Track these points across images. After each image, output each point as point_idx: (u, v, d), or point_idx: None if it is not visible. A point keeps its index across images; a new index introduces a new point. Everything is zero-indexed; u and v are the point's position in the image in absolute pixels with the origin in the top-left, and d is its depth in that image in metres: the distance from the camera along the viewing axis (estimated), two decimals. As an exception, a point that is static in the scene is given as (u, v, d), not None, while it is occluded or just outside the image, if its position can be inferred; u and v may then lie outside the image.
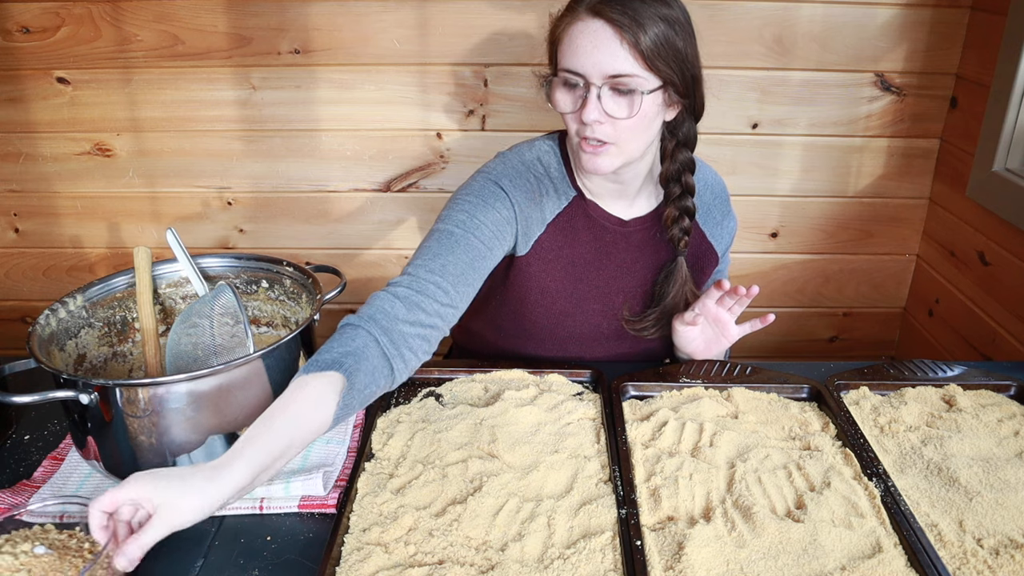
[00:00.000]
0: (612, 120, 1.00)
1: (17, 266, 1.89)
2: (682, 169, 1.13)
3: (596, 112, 0.99)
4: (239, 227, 1.84)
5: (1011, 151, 1.51)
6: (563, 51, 1.02)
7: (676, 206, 1.14)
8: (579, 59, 0.99)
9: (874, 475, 0.90)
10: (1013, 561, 0.79)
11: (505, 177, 1.12)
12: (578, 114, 1.01)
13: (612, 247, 1.18)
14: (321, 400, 0.82)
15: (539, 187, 1.14)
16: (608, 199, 1.16)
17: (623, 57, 0.97)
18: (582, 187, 1.16)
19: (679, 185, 1.13)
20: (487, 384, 1.12)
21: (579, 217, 1.16)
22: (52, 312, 0.94)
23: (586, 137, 1.02)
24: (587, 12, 0.99)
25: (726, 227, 1.26)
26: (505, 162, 1.14)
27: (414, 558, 0.79)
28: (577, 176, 1.16)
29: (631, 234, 1.18)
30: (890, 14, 1.62)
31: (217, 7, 1.61)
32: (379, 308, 0.93)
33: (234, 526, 0.87)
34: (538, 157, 1.16)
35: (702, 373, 1.12)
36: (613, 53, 0.97)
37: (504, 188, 1.11)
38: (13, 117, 1.72)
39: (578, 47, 0.99)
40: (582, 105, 1.00)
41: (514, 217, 1.11)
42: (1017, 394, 1.10)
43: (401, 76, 1.68)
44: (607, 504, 0.86)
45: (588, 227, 1.16)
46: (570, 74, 1.01)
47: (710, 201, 1.23)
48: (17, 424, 1.04)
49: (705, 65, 1.10)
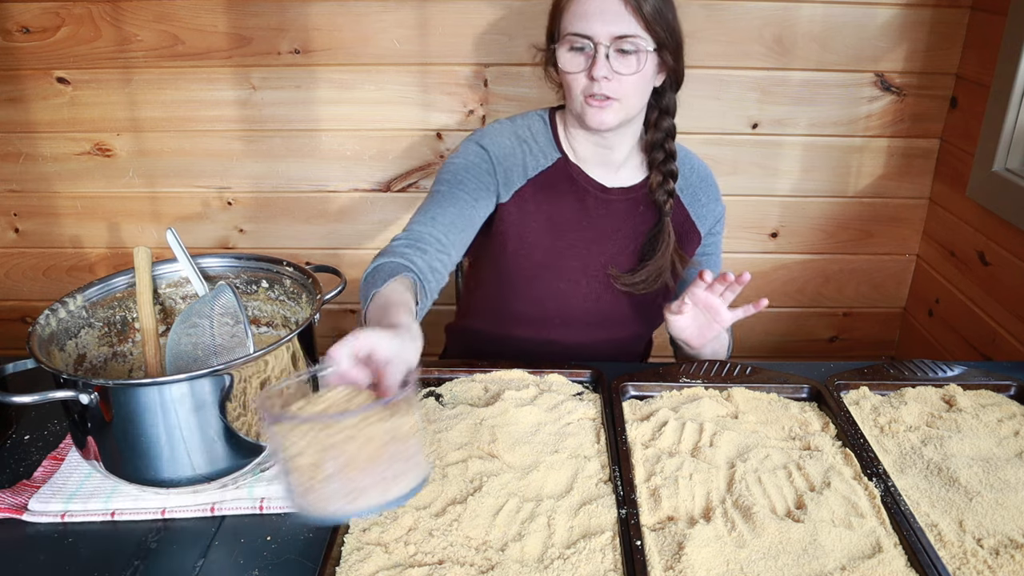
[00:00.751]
0: (618, 77, 1.10)
1: (17, 266, 1.89)
2: (665, 136, 1.23)
3: (605, 69, 1.09)
4: (239, 227, 1.84)
5: (1011, 151, 1.51)
6: (569, 18, 1.11)
7: (660, 170, 1.23)
8: (587, 22, 1.09)
9: (874, 475, 0.90)
10: (1013, 561, 0.79)
11: (486, 136, 1.24)
12: (587, 72, 1.11)
13: (593, 211, 1.25)
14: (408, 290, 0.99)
15: (521, 146, 1.24)
16: (593, 165, 1.25)
17: (628, 19, 1.09)
18: (568, 151, 1.25)
19: (662, 151, 1.23)
20: (487, 384, 1.12)
21: (562, 179, 1.24)
22: (52, 312, 0.94)
23: (592, 94, 1.12)
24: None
25: (711, 210, 1.31)
26: (490, 127, 1.26)
27: (414, 558, 0.79)
28: (564, 141, 1.25)
29: (612, 202, 1.25)
30: (890, 14, 1.62)
31: (217, 7, 1.61)
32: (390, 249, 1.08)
33: (234, 526, 0.87)
34: (525, 123, 1.26)
35: (702, 373, 1.12)
36: (619, 15, 1.09)
37: (484, 145, 1.23)
38: (13, 117, 1.72)
39: (586, 11, 1.10)
40: (592, 64, 1.10)
41: (492, 168, 1.22)
42: (1017, 394, 1.10)
43: (401, 76, 1.68)
44: (607, 504, 0.86)
45: (571, 189, 1.24)
46: (578, 37, 1.10)
47: (696, 183, 1.30)
48: (17, 424, 1.04)
49: (705, 65, 1.12)
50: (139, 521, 0.87)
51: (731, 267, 1.87)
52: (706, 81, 1.68)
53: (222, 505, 0.88)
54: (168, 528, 0.86)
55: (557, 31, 1.15)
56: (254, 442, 0.88)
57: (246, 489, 0.90)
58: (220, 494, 0.89)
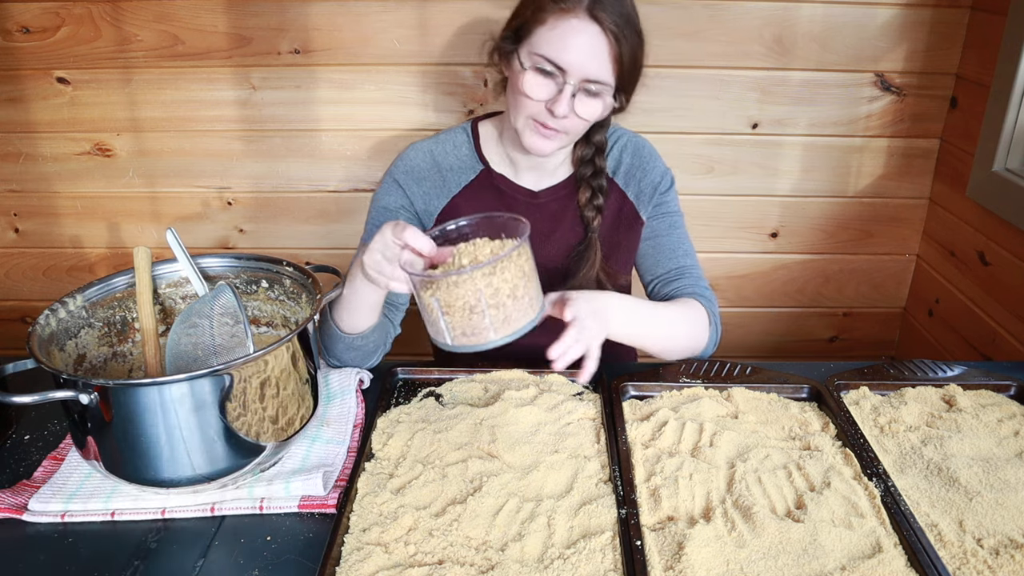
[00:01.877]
0: (575, 116, 1.08)
1: (17, 266, 1.89)
2: (595, 151, 1.21)
3: (566, 108, 1.06)
4: (239, 227, 1.84)
5: (1011, 151, 1.51)
6: (545, 37, 1.05)
7: (590, 184, 1.21)
8: (566, 55, 1.04)
9: (874, 475, 0.90)
10: (1013, 561, 0.79)
11: (399, 171, 1.25)
12: (548, 104, 1.07)
13: (525, 217, 1.20)
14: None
15: (437, 169, 1.24)
16: (520, 171, 1.24)
17: (605, 65, 1.05)
18: (491, 160, 1.24)
19: (591, 166, 1.21)
20: (487, 384, 1.12)
21: (487, 189, 1.24)
22: (52, 312, 0.94)
23: (542, 122, 1.09)
24: (586, 13, 1.02)
25: (649, 182, 1.26)
26: (401, 158, 1.26)
27: (414, 558, 0.80)
28: (488, 150, 1.24)
29: (543, 205, 1.24)
30: (890, 14, 1.62)
31: (217, 7, 1.61)
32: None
33: (234, 526, 0.87)
34: (446, 139, 1.26)
35: (702, 373, 1.12)
36: (600, 61, 1.04)
37: (398, 180, 1.24)
38: (13, 117, 1.72)
39: (568, 44, 1.03)
40: (555, 99, 1.06)
41: (410, 202, 1.24)
42: (1017, 394, 1.10)
43: (401, 76, 1.68)
44: (607, 504, 0.86)
45: (497, 198, 1.24)
46: (550, 64, 1.05)
47: (629, 162, 1.27)
48: (17, 424, 1.04)
49: (705, 65, 1.12)
50: (139, 521, 0.87)
51: (731, 267, 1.88)
52: (706, 81, 1.68)
53: (222, 505, 0.88)
54: (168, 528, 0.86)
55: (528, 37, 1.07)
56: (254, 442, 0.88)
57: (246, 489, 0.90)
58: (220, 494, 0.89)
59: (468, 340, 0.86)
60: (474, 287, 0.83)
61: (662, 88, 1.68)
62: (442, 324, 0.86)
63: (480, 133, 1.25)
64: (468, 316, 0.84)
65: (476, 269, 0.82)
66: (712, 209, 1.79)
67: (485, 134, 1.26)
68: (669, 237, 1.28)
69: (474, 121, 1.27)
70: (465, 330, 0.85)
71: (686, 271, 1.27)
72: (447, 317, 0.85)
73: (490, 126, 1.27)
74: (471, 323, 0.85)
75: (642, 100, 1.52)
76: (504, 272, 0.84)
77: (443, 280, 0.83)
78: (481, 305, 0.84)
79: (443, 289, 0.84)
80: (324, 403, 1.06)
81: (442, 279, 0.83)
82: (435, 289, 0.85)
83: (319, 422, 1.02)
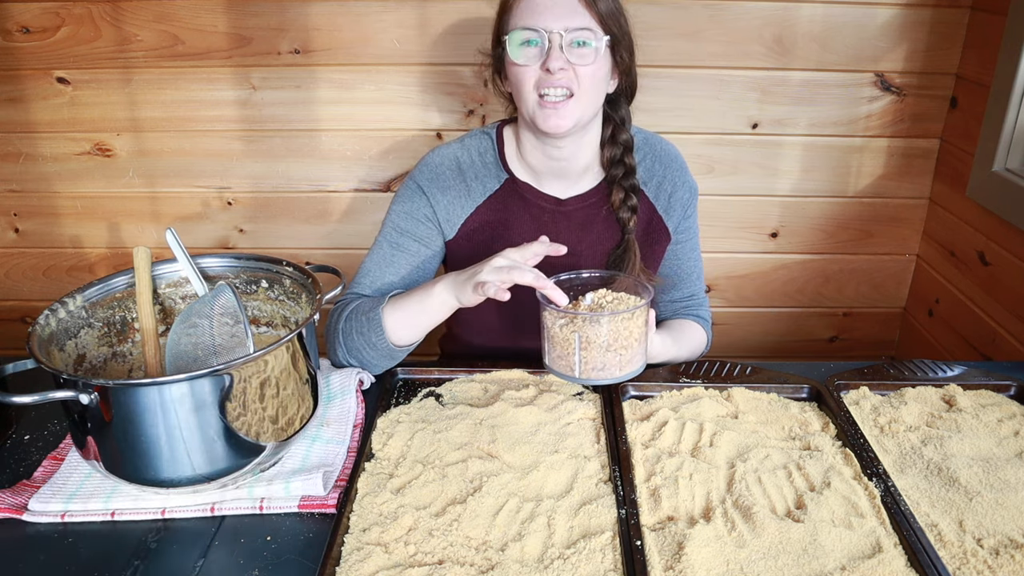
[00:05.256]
0: (573, 67, 1.07)
1: (17, 266, 1.89)
2: (624, 151, 1.20)
3: (560, 60, 1.06)
4: (239, 227, 1.84)
5: (1011, 151, 1.51)
6: (519, 13, 1.08)
7: (622, 186, 1.19)
8: (540, 16, 1.06)
9: (874, 475, 0.90)
10: (1013, 561, 0.79)
11: (423, 176, 1.22)
12: (542, 64, 1.07)
13: (551, 227, 1.21)
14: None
15: (461, 177, 1.21)
16: (547, 180, 1.22)
17: (582, 13, 1.06)
18: (516, 169, 1.22)
19: (622, 166, 1.20)
20: (487, 384, 1.12)
21: (513, 199, 1.21)
22: (52, 312, 0.94)
23: (546, 93, 1.08)
24: None
25: (677, 199, 1.26)
26: (426, 162, 1.23)
27: (414, 558, 0.80)
28: (512, 158, 1.22)
29: (571, 213, 1.22)
30: (890, 14, 1.62)
31: (217, 7, 1.61)
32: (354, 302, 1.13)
33: (234, 526, 0.87)
34: (470, 145, 1.23)
35: (702, 373, 1.12)
36: (573, 9, 1.06)
37: (422, 187, 1.21)
38: (13, 117, 1.72)
39: (537, 4, 1.06)
40: (547, 57, 1.06)
41: (432, 212, 1.21)
42: (1017, 394, 1.10)
43: (401, 76, 1.68)
44: (607, 504, 0.86)
45: (524, 208, 1.22)
46: (530, 31, 1.06)
47: (661, 174, 1.25)
48: (17, 424, 1.04)
49: (705, 65, 1.12)
50: (139, 521, 0.87)
51: (731, 267, 1.88)
52: (706, 81, 1.68)
53: (222, 505, 0.88)
54: (168, 528, 0.86)
55: (506, 31, 1.10)
56: (254, 442, 0.88)
57: (246, 489, 0.90)
58: (220, 494, 0.89)
59: (596, 375, 0.96)
60: (614, 328, 0.93)
61: (662, 88, 1.68)
62: (576, 357, 0.95)
63: (504, 138, 1.23)
64: (603, 353, 0.94)
65: (617, 315, 0.93)
66: (712, 209, 1.79)
67: (508, 140, 1.24)
68: (687, 261, 1.31)
69: (500, 124, 1.25)
70: (595, 365, 0.95)
71: (695, 297, 1.33)
72: (583, 352, 0.94)
73: (511, 132, 1.24)
74: (604, 359, 0.95)
75: (642, 100, 1.52)
76: (637, 319, 0.95)
77: (590, 318, 0.93)
78: (616, 345, 0.94)
79: (587, 327, 0.93)
80: (324, 403, 1.06)
81: (588, 317, 0.93)
82: (577, 326, 0.93)
83: (319, 422, 1.02)
